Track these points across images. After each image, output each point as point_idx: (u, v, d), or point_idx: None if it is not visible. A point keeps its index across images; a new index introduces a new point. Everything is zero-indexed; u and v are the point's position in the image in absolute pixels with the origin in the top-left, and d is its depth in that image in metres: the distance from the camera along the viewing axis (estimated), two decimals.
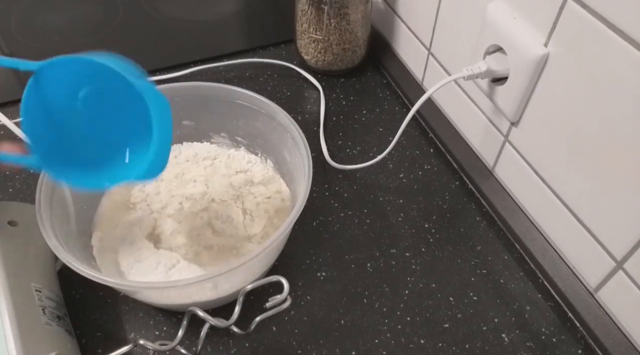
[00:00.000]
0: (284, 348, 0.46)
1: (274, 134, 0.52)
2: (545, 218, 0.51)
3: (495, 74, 0.49)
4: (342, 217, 0.55)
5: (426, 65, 0.64)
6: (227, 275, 0.39)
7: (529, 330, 0.47)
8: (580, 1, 0.39)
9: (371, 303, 0.49)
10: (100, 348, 0.45)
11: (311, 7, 0.63)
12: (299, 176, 0.48)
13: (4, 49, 0.72)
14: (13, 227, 0.43)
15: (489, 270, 0.51)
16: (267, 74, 0.70)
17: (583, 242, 0.46)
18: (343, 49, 0.67)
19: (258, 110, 0.52)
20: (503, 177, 0.56)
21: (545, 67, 0.44)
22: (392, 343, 0.46)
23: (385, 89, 0.69)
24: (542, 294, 0.50)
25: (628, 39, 0.36)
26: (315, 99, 0.67)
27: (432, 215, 0.56)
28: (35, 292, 0.41)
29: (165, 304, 0.46)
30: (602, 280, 0.46)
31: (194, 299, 0.44)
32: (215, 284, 0.43)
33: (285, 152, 0.52)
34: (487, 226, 0.55)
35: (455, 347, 0.46)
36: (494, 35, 0.48)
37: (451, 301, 0.49)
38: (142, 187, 0.53)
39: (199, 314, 0.39)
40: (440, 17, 0.58)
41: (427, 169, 0.60)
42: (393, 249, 0.53)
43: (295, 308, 0.48)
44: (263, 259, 0.45)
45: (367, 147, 0.62)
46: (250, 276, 0.46)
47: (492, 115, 0.54)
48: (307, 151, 0.47)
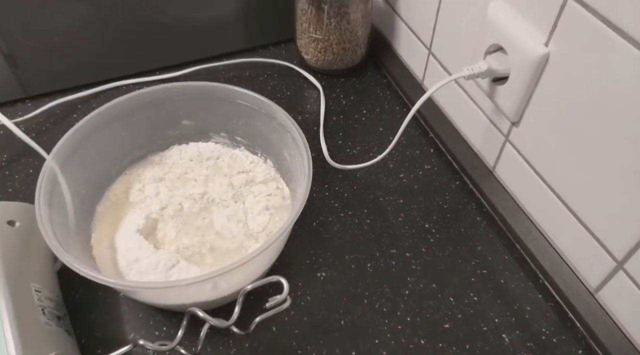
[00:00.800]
0: (284, 348, 0.46)
1: (274, 134, 0.52)
2: (546, 218, 0.51)
3: (496, 74, 0.49)
4: (342, 217, 0.55)
5: (426, 64, 0.64)
6: (227, 275, 0.39)
7: (530, 331, 0.47)
8: (581, 1, 0.39)
9: (371, 303, 0.49)
10: (100, 348, 0.45)
11: (311, 6, 0.63)
12: (299, 176, 0.48)
13: (3, 49, 0.72)
14: (13, 227, 0.43)
15: (489, 270, 0.51)
16: (267, 73, 0.70)
17: (583, 242, 0.46)
18: (343, 48, 0.67)
19: (258, 110, 0.52)
20: (503, 177, 0.56)
21: (546, 66, 0.44)
22: (392, 343, 0.46)
23: (385, 88, 0.69)
24: (542, 294, 0.50)
25: (628, 38, 0.36)
26: (315, 99, 0.67)
27: (432, 215, 0.55)
28: (34, 292, 0.41)
29: (165, 304, 0.46)
30: (602, 281, 0.46)
31: (194, 299, 0.44)
32: (215, 284, 0.43)
33: (285, 152, 0.51)
34: (488, 226, 0.55)
35: (456, 347, 0.46)
36: (494, 34, 0.47)
37: (451, 301, 0.49)
38: (142, 187, 0.53)
39: (199, 314, 0.39)
40: (440, 17, 0.58)
41: (427, 168, 0.60)
42: (393, 249, 0.52)
43: (295, 308, 0.48)
44: (262, 259, 0.45)
45: (367, 147, 0.62)
46: (250, 276, 0.45)
47: (492, 115, 0.54)
48: (307, 151, 0.46)
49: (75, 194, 0.47)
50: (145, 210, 0.51)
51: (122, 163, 0.54)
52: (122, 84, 0.67)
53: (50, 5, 0.79)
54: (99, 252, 0.47)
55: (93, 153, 0.50)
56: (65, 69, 0.69)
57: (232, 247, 0.49)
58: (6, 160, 0.59)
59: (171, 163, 0.55)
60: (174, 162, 0.55)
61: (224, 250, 0.49)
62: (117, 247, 0.48)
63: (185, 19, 0.78)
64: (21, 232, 0.44)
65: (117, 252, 0.47)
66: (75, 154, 0.48)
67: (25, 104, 0.65)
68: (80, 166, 0.48)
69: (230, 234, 0.50)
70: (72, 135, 0.47)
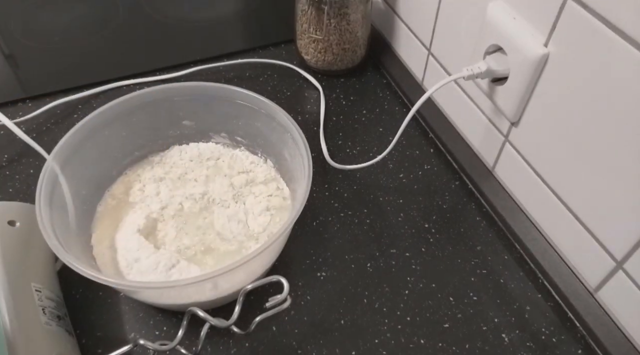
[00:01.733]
0: (284, 348, 0.46)
1: (274, 134, 0.52)
2: (545, 218, 0.51)
3: (495, 74, 0.49)
4: (342, 217, 0.55)
5: (426, 65, 0.64)
6: (227, 275, 0.39)
7: (529, 330, 0.47)
8: (581, 1, 0.39)
9: (371, 303, 0.49)
10: (100, 348, 0.45)
11: (311, 7, 0.63)
12: (299, 176, 0.48)
13: (4, 49, 0.72)
14: (13, 227, 0.43)
15: (489, 270, 0.51)
16: (267, 74, 0.70)
17: (583, 242, 0.46)
18: (343, 49, 0.67)
19: (258, 110, 0.52)
20: (503, 177, 0.56)
21: (546, 67, 0.44)
22: (392, 343, 0.46)
23: (385, 89, 0.69)
24: (542, 293, 0.50)
25: (628, 38, 0.36)
26: (315, 99, 0.67)
27: (432, 215, 0.56)
28: (35, 292, 0.41)
29: (165, 304, 0.46)
30: (602, 280, 0.46)
31: (194, 299, 0.44)
32: (215, 284, 0.43)
33: (285, 152, 0.52)
34: (487, 226, 0.55)
35: (455, 347, 0.46)
36: (494, 35, 0.48)
37: (451, 301, 0.49)
38: (142, 187, 0.53)
39: (199, 314, 0.39)
40: (440, 17, 0.58)
41: (427, 169, 0.60)
42: (393, 249, 0.53)
43: (295, 308, 0.48)
44: (263, 259, 0.45)
45: (367, 147, 0.62)
46: (250, 276, 0.46)
47: (492, 115, 0.54)
48: (307, 151, 0.46)
49: (76, 194, 0.47)
50: (145, 210, 0.51)
51: (123, 163, 0.54)
52: (122, 84, 0.67)
53: (51, 5, 0.79)
54: (100, 252, 0.47)
55: (94, 153, 0.50)
56: (66, 69, 0.69)
57: (233, 248, 0.49)
58: (7, 160, 0.59)
59: (171, 163, 0.55)
60: (174, 162, 0.55)
61: (224, 250, 0.49)
62: (117, 247, 0.48)
63: (185, 19, 0.78)
64: (21, 232, 0.44)
65: (118, 252, 0.47)
66: (75, 154, 0.48)
67: (26, 104, 0.65)
68: (81, 166, 0.48)
69: (230, 234, 0.50)
70: (72, 136, 0.47)
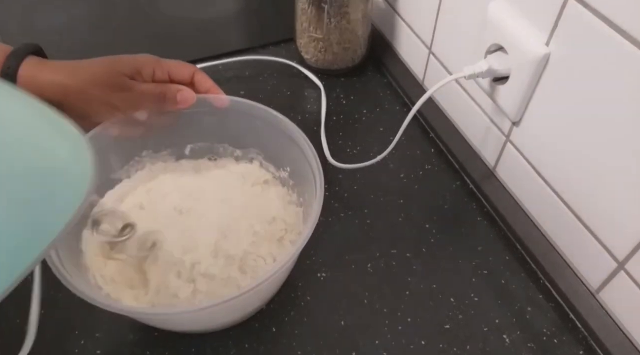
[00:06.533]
0: (284, 348, 0.46)
1: (286, 149, 0.49)
2: (547, 218, 0.51)
3: (497, 73, 0.49)
4: (342, 217, 0.55)
5: (427, 64, 0.64)
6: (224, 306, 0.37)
7: (530, 331, 0.47)
8: (582, 0, 0.39)
9: (371, 304, 0.48)
10: (100, 348, 0.45)
11: (311, 5, 0.63)
12: (310, 198, 0.45)
13: None
14: None
15: (489, 270, 0.51)
16: (267, 72, 0.70)
17: (584, 243, 0.46)
18: (343, 48, 0.67)
19: (270, 124, 0.49)
20: (504, 177, 0.55)
21: (547, 66, 0.44)
22: (392, 344, 0.46)
23: (385, 88, 0.69)
24: (543, 294, 0.50)
25: (629, 37, 0.36)
26: (315, 99, 0.67)
27: (432, 215, 0.55)
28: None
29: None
30: (603, 281, 0.45)
31: (187, 327, 0.44)
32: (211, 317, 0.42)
33: (296, 166, 0.49)
34: (488, 226, 0.55)
35: (456, 347, 0.46)
36: (495, 34, 0.47)
37: (452, 302, 0.49)
38: (140, 203, 0.50)
39: None
40: (441, 16, 0.58)
41: (427, 168, 0.60)
42: (393, 250, 0.52)
43: (295, 308, 0.48)
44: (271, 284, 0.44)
45: (367, 147, 0.62)
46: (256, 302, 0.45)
47: (493, 114, 0.54)
48: (320, 176, 0.43)
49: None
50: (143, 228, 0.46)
51: (124, 170, 0.52)
52: None
53: (50, 5, 0.79)
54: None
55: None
56: None
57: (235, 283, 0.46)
58: None
59: (177, 177, 0.53)
60: (181, 175, 0.53)
61: (229, 281, 0.46)
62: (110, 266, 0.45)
63: (185, 18, 0.77)
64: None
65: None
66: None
67: None
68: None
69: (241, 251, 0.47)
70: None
